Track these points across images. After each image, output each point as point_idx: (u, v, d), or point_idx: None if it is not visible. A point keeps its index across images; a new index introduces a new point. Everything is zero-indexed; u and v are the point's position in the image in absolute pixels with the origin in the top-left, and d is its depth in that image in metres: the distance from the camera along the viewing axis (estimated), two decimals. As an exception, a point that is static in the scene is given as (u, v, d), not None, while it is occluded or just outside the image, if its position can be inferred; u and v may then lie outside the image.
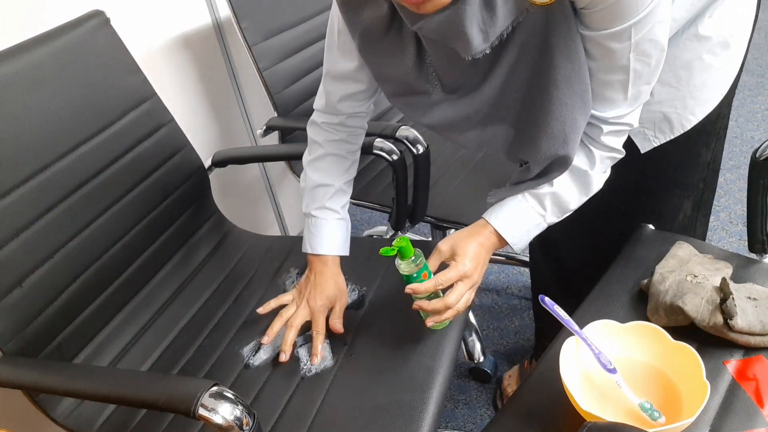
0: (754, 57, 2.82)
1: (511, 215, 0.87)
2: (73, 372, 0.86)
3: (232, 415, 0.68)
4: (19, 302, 0.85)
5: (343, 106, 0.94)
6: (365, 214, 2.19)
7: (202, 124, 1.51)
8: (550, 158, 0.80)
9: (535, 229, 0.88)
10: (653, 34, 0.69)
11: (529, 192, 0.86)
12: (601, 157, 0.83)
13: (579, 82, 0.73)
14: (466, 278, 0.83)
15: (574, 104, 0.75)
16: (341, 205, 1.02)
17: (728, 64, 0.91)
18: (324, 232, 1.00)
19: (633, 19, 0.66)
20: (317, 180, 1.00)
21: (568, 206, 0.86)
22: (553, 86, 0.74)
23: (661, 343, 0.78)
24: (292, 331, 0.95)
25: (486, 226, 0.87)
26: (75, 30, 0.98)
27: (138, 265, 1.06)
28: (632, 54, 0.70)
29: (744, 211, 1.04)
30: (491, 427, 0.81)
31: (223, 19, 1.47)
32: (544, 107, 0.76)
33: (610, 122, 0.79)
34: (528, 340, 1.60)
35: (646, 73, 0.73)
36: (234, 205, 1.59)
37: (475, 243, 0.85)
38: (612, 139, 0.82)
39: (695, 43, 0.87)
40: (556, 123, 0.76)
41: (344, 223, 1.02)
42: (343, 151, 1.00)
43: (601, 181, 0.86)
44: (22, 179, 0.87)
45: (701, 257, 0.93)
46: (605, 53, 0.71)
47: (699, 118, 0.92)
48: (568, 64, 0.72)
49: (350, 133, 0.99)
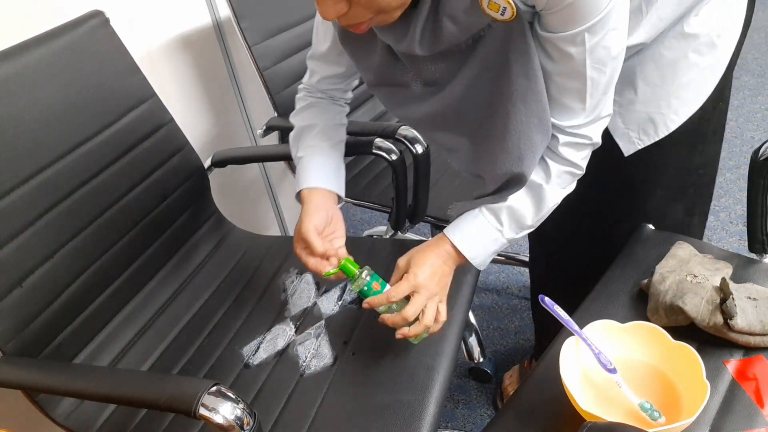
0: (754, 57, 2.83)
1: (470, 230, 0.86)
2: (73, 372, 0.86)
3: (233, 414, 0.68)
4: (19, 302, 0.85)
5: (323, 84, 1.00)
6: (365, 214, 2.19)
7: (202, 124, 1.51)
8: (506, 176, 0.80)
9: (493, 243, 0.86)
10: (606, 41, 0.70)
11: (486, 207, 0.85)
12: (558, 171, 0.82)
13: (535, 101, 0.74)
14: (421, 289, 0.82)
15: (530, 122, 0.75)
16: (330, 144, 0.98)
17: (714, 64, 0.91)
18: (308, 166, 0.96)
19: (587, 23, 0.67)
20: (301, 124, 1.01)
21: (524, 221, 0.85)
22: (510, 102, 0.75)
23: (661, 343, 0.78)
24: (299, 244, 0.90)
25: (443, 238, 0.86)
26: (74, 30, 0.98)
27: (138, 265, 1.06)
28: (588, 61, 0.71)
29: (744, 211, 1.03)
30: (491, 427, 0.81)
31: (223, 19, 1.47)
32: (501, 123, 0.77)
33: (567, 131, 0.79)
34: (528, 340, 1.60)
35: (602, 83, 0.74)
36: (234, 206, 1.59)
37: (431, 255, 0.84)
38: (570, 151, 0.80)
39: (681, 41, 0.87)
40: (512, 139, 0.77)
41: (333, 160, 0.98)
42: (326, 103, 1.03)
43: (557, 196, 0.84)
44: (22, 179, 0.87)
45: (701, 257, 0.93)
46: (562, 56, 0.72)
47: (683, 118, 0.92)
48: (524, 81, 0.73)
49: (331, 101, 1.04)
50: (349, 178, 1.49)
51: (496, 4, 0.67)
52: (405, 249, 1.12)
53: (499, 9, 0.67)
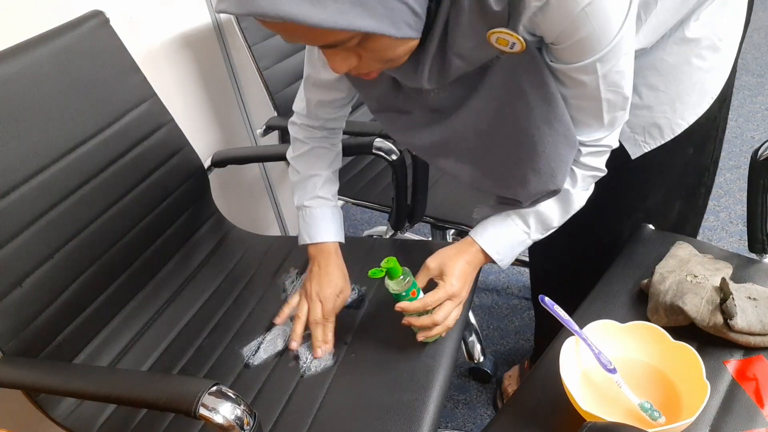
0: (754, 57, 2.83)
1: (497, 233, 0.88)
2: (73, 372, 0.85)
3: (233, 414, 0.67)
4: (19, 302, 0.85)
5: (322, 111, 0.97)
6: (365, 214, 2.19)
7: (202, 124, 1.51)
8: (541, 194, 0.82)
9: (520, 246, 0.89)
10: (619, 66, 0.70)
11: (513, 210, 0.87)
12: (583, 176, 0.84)
13: (558, 121, 0.75)
14: (454, 297, 0.85)
15: (557, 141, 0.76)
16: (332, 194, 1.03)
17: (718, 67, 0.91)
18: (320, 220, 1.00)
19: (597, 54, 0.67)
20: (306, 172, 1.01)
21: (551, 224, 0.87)
22: (533, 127, 0.75)
23: (661, 343, 0.78)
24: (300, 323, 0.96)
25: (473, 244, 0.88)
26: (74, 30, 0.98)
27: (138, 266, 1.06)
28: (602, 86, 0.71)
29: (744, 211, 1.03)
30: (491, 427, 0.81)
31: (223, 19, 1.47)
32: (528, 147, 0.77)
33: (588, 145, 0.80)
34: (528, 340, 1.60)
35: (619, 102, 0.75)
36: (234, 206, 1.60)
37: (462, 261, 0.87)
38: (592, 159, 0.82)
39: (683, 46, 0.87)
40: (541, 160, 0.77)
41: (337, 210, 1.03)
42: (327, 143, 1.02)
43: (582, 199, 0.87)
44: (22, 179, 0.87)
45: (701, 257, 0.93)
46: (575, 83, 0.72)
47: (689, 122, 0.92)
48: (545, 106, 0.73)
49: (330, 132, 1.02)
50: (349, 178, 1.50)
51: (505, 40, 0.66)
52: (405, 249, 1.13)
53: (508, 44, 0.66)
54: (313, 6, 0.54)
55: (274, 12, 0.54)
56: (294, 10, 0.54)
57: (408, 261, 0.88)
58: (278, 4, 0.53)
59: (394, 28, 0.59)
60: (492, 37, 0.66)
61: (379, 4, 0.57)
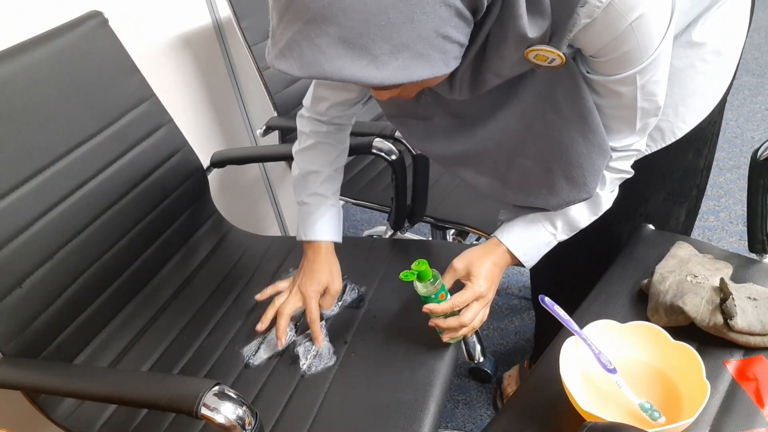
0: (754, 57, 2.82)
1: (523, 234, 0.88)
2: (73, 373, 0.85)
3: (235, 414, 0.68)
4: (19, 303, 0.85)
5: (332, 111, 0.97)
6: (365, 214, 2.19)
7: (202, 124, 1.51)
8: (573, 202, 0.82)
9: (546, 247, 0.89)
10: (657, 76, 0.70)
11: (541, 213, 0.87)
12: (611, 179, 0.85)
13: (593, 133, 0.75)
14: (481, 298, 0.86)
15: (591, 152, 0.76)
16: (332, 192, 1.02)
17: (721, 71, 0.91)
18: (315, 218, 1.00)
19: (638, 67, 0.67)
20: (307, 167, 1.01)
21: (578, 225, 0.88)
22: (568, 138, 0.75)
23: (661, 343, 0.78)
24: (283, 318, 0.96)
25: (499, 245, 0.88)
26: (73, 31, 0.98)
27: (138, 266, 1.06)
28: (639, 95, 0.71)
29: (744, 211, 1.03)
30: (491, 427, 0.81)
31: (223, 19, 1.47)
32: (562, 157, 0.77)
33: (619, 150, 0.81)
34: (528, 340, 1.60)
35: (653, 109, 0.75)
36: (234, 206, 1.59)
37: (489, 262, 0.87)
38: (622, 162, 0.83)
39: (688, 50, 0.88)
40: (575, 169, 0.78)
41: (336, 209, 1.03)
42: (332, 140, 1.01)
43: (610, 200, 0.87)
44: (22, 179, 0.87)
45: (701, 257, 0.93)
46: (612, 93, 0.72)
47: (691, 126, 0.93)
48: (580, 119, 0.73)
49: (337, 128, 1.01)
50: (349, 178, 1.50)
51: (544, 56, 0.65)
52: (405, 249, 1.13)
53: (546, 60, 0.65)
54: (376, 68, 0.54)
55: (339, 77, 0.54)
56: (358, 74, 0.54)
57: (408, 261, 0.88)
58: (342, 70, 0.54)
59: (446, 67, 0.59)
60: (530, 54, 0.65)
61: (436, 51, 0.56)
